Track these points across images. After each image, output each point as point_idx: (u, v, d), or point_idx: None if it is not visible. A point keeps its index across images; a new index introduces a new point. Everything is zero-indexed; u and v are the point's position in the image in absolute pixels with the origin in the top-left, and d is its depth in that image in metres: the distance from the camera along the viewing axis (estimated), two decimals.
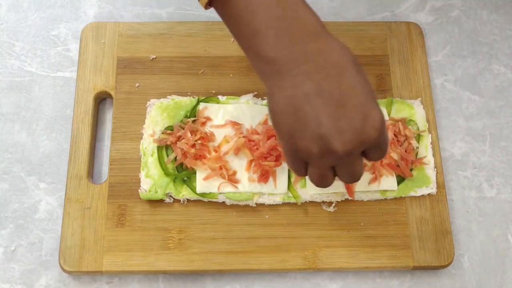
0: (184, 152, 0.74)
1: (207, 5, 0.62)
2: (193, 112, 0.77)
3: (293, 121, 0.57)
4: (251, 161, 0.74)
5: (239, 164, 0.75)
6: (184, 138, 0.75)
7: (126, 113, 0.79)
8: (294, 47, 0.57)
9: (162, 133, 0.76)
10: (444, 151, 0.81)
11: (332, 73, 0.57)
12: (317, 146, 0.57)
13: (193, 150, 0.74)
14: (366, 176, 0.75)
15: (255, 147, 0.75)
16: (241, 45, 0.61)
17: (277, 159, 0.74)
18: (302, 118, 0.57)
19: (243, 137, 0.75)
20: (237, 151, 0.74)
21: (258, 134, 0.75)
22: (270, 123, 0.68)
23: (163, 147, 0.76)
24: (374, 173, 0.75)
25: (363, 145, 0.57)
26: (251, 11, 0.58)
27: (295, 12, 0.58)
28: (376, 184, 0.75)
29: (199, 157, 0.74)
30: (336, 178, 0.62)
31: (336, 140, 0.56)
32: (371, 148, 0.58)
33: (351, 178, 0.61)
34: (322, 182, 0.61)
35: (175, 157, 0.75)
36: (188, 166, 0.74)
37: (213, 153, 0.75)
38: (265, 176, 0.74)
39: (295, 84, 0.57)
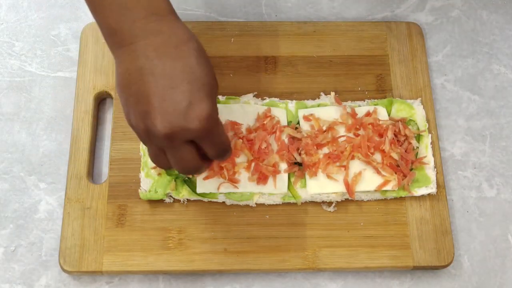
0: None
1: None
2: None
3: (128, 95, 0.58)
4: (251, 161, 0.74)
5: (239, 164, 0.75)
6: None
7: None
8: (135, 23, 0.58)
9: None
10: (444, 151, 0.81)
11: (168, 55, 0.57)
12: (143, 124, 0.57)
13: None
14: (372, 178, 0.75)
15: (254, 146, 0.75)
16: (93, 15, 0.62)
17: (274, 165, 0.74)
18: (134, 93, 0.57)
19: (241, 137, 0.75)
20: (236, 153, 0.74)
21: (256, 132, 0.76)
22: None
23: None
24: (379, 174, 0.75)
25: (185, 132, 0.56)
26: None
27: None
28: (377, 184, 0.75)
29: None
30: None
31: (158, 119, 0.56)
32: (200, 140, 0.58)
33: (179, 166, 0.60)
34: (156, 161, 0.62)
35: None
36: None
37: None
38: (263, 178, 0.74)
39: (132, 58, 0.58)
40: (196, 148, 0.59)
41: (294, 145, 0.75)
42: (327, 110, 0.78)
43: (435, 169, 0.77)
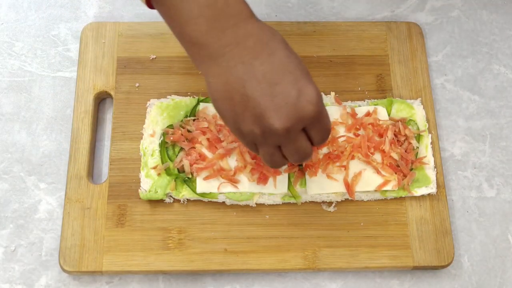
0: (194, 162, 0.74)
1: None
2: (193, 112, 0.77)
3: (233, 106, 0.58)
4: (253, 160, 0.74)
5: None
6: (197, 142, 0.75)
7: (126, 113, 0.79)
8: (225, 32, 0.59)
9: (166, 131, 0.76)
10: (444, 151, 0.81)
11: (263, 54, 0.58)
12: (258, 127, 0.58)
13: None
14: (372, 178, 0.75)
15: None
16: (174, 32, 0.62)
17: None
18: (239, 101, 0.58)
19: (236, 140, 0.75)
20: (229, 153, 0.74)
21: None
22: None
23: (165, 148, 0.76)
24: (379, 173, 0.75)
25: (301, 120, 0.57)
26: None
27: (225, 0, 0.59)
28: (377, 184, 0.75)
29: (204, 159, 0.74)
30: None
31: (274, 118, 0.57)
32: (311, 125, 0.59)
33: (298, 155, 0.61)
34: (272, 161, 0.62)
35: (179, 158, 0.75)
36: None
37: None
38: (263, 178, 0.74)
39: (228, 68, 0.58)
40: (307, 135, 0.60)
41: None
42: (327, 110, 0.78)
43: (435, 169, 0.77)
